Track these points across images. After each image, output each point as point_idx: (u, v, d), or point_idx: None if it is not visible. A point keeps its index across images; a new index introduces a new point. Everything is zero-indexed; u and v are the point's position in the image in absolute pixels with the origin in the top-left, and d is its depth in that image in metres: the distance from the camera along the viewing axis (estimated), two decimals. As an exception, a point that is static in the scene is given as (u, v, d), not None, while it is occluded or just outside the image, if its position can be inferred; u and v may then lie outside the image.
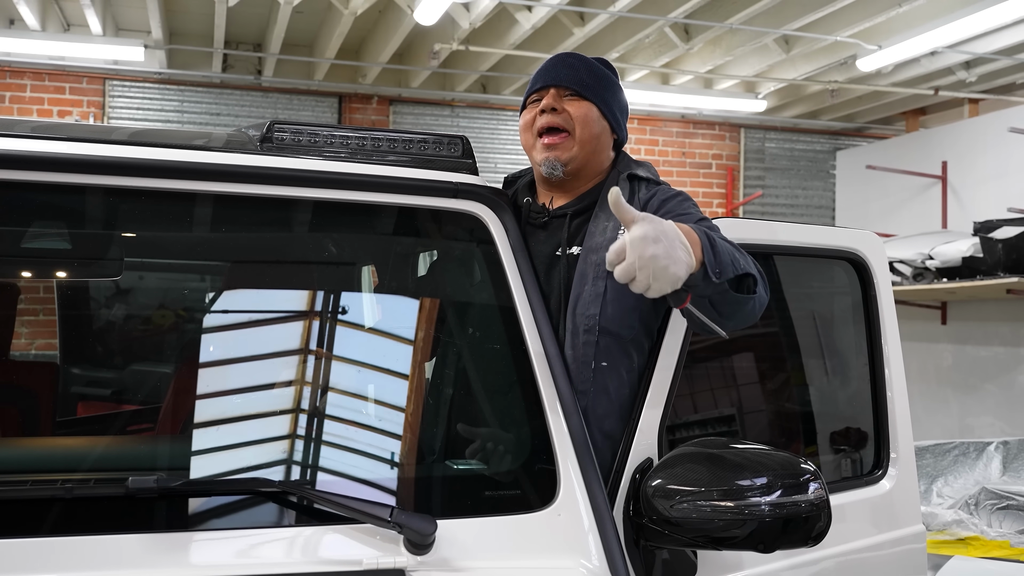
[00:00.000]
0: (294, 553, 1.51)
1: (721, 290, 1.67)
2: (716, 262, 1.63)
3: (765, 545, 1.60)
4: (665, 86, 8.61)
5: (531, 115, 2.05)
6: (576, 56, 2.09)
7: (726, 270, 1.65)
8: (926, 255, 6.78)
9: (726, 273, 1.65)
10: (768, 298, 1.81)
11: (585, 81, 2.03)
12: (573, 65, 2.05)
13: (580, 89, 2.02)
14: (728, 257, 1.67)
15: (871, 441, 2.35)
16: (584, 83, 2.03)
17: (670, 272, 1.54)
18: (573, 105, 2.01)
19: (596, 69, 2.07)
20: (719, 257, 1.64)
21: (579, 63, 2.06)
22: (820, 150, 10.16)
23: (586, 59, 2.08)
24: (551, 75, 2.05)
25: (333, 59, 7.78)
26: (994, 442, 5.35)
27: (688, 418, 2.09)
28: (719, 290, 1.66)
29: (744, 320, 1.78)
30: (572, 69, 2.04)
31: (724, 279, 1.65)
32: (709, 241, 1.64)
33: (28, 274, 2.08)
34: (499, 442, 1.79)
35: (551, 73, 2.05)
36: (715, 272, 1.62)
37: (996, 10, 5.93)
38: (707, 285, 1.64)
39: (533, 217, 2.02)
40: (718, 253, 1.65)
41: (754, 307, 1.76)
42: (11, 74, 7.94)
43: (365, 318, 1.94)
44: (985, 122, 7.81)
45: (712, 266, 1.62)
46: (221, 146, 1.80)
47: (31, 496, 1.51)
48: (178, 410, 1.80)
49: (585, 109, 2.01)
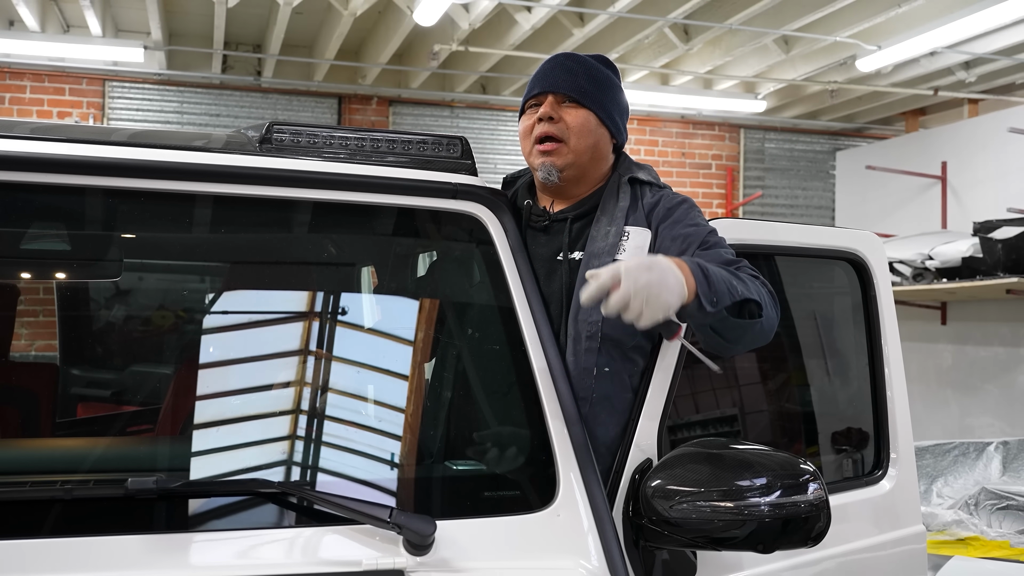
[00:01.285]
0: (294, 554, 1.51)
1: (720, 318, 1.70)
2: (711, 291, 1.66)
3: (765, 546, 1.60)
4: (665, 86, 8.61)
5: (530, 122, 2.02)
6: (575, 58, 2.04)
7: (722, 298, 1.68)
8: (926, 255, 6.78)
9: (722, 301, 1.68)
10: (778, 317, 1.82)
11: (584, 88, 1.99)
12: (572, 70, 2.01)
13: (579, 96, 1.99)
14: (724, 285, 1.69)
15: (871, 441, 2.35)
16: (583, 90, 1.99)
17: (662, 300, 1.56)
18: (570, 113, 1.98)
19: (595, 72, 2.03)
20: (714, 286, 1.67)
21: (578, 67, 2.02)
22: (820, 150, 10.17)
23: (585, 61, 2.04)
24: (549, 80, 2.01)
25: (333, 60, 7.78)
26: (994, 442, 5.35)
27: (688, 418, 2.09)
28: (717, 318, 1.69)
29: (752, 342, 1.80)
30: (571, 74, 2.00)
31: (720, 307, 1.68)
32: (702, 271, 1.67)
33: (28, 275, 2.08)
34: (498, 442, 1.79)
35: (549, 78, 2.02)
36: (710, 301, 1.65)
37: (995, 10, 5.94)
38: (703, 315, 1.67)
39: (534, 220, 2.01)
40: (712, 283, 1.67)
41: (762, 329, 1.77)
42: (11, 75, 7.95)
43: (365, 319, 1.94)
44: (985, 122, 7.81)
45: (707, 296, 1.65)
46: (220, 147, 1.80)
47: (31, 497, 1.51)
48: (178, 411, 1.80)
49: (582, 118, 1.98)
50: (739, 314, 1.74)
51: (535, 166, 2.01)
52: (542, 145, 1.98)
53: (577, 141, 1.98)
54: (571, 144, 1.97)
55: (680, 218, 1.91)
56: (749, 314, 1.75)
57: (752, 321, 1.75)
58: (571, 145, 1.97)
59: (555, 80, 2.01)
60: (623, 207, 1.95)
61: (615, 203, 1.96)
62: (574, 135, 1.97)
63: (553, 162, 1.97)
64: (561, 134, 1.97)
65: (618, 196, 1.98)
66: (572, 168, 1.98)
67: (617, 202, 1.96)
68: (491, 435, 1.80)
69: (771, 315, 1.79)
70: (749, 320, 1.74)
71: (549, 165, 1.97)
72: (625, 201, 1.96)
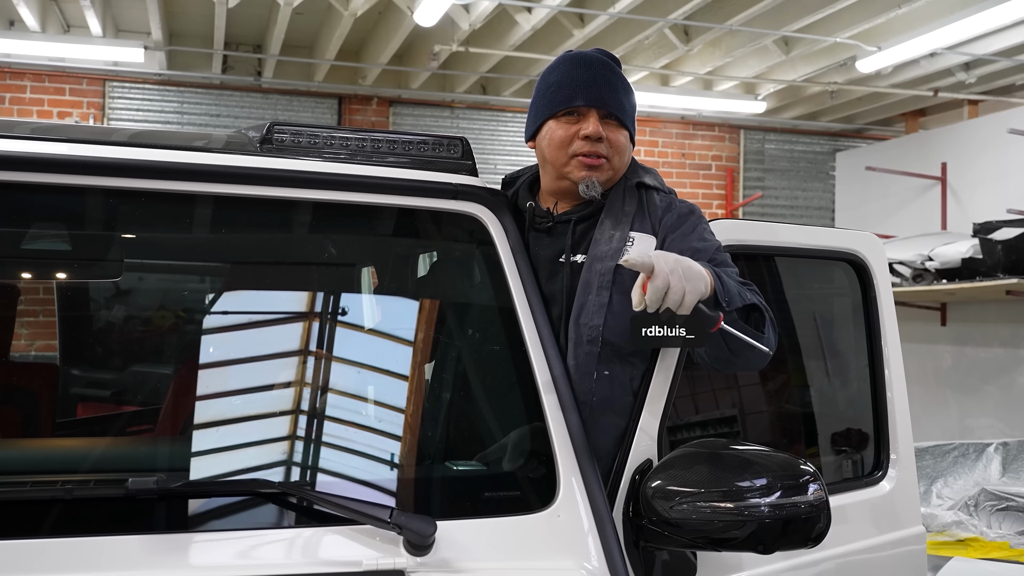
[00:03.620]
0: (294, 554, 1.51)
1: (731, 319, 1.72)
2: (724, 290, 1.72)
3: (765, 546, 1.61)
4: (665, 87, 8.61)
5: (568, 134, 1.96)
6: (611, 68, 2.00)
7: (733, 299, 1.74)
8: (926, 256, 6.78)
9: (734, 302, 1.73)
10: (776, 342, 1.84)
11: (624, 106, 1.98)
12: (613, 84, 1.97)
13: (621, 116, 1.97)
14: (734, 286, 1.76)
15: (871, 442, 2.35)
16: (624, 108, 1.98)
17: (695, 270, 1.63)
18: (613, 132, 1.96)
19: (625, 85, 2.01)
20: (726, 285, 1.73)
21: (617, 80, 1.99)
22: (820, 151, 10.17)
23: (617, 71, 2.01)
24: (594, 94, 1.95)
25: (333, 60, 7.79)
26: (994, 443, 5.35)
27: (688, 419, 2.09)
28: (730, 319, 1.72)
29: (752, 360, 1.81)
30: (613, 90, 1.97)
31: (733, 307, 1.73)
32: (712, 270, 1.73)
33: (28, 275, 2.08)
34: (498, 443, 1.79)
35: (594, 91, 1.96)
36: (724, 300, 1.71)
37: (995, 11, 5.94)
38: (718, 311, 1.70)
39: (537, 221, 2.00)
40: (724, 281, 1.73)
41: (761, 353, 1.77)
42: (11, 75, 7.95)
43: (365, 319, 1.94)
44: (984, 123, 7.82)
45: (721, 293, 1.71)
46: (221, 147, 1.80)
47: (31, 497, 1.51)
48: (178, 411, 1.80)
49: (623, 138, 1.98)
50: (746, 320, 1.78)
51: (574, 178, 1.96)
52: (589, 159, 1.95)
53: (619, 160, 1.98)
54: (613, 162, 1.97)
55: (688, 231, 1.92)
56: (755, 324, 1.79)
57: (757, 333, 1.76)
58: (613, 163, 1.97)
59: (600, 96, 1.96)
60: (629, 212, 1.95)
61: (621, 207, 1.96)
62: (616, 154, 1.97)
63: (598, 178, 1.96)
64: (606, 153, 1.96)
65: (624, 200, 1.97)
66: (608, 183, 1.99)
67: (623, 206, 1.96)
68: (491, 436, 1.79)
69: (771, 337, 1.81)
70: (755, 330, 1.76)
71: (594, 181, 1.95)
72: (631, 206, 1.96)
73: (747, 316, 1.78)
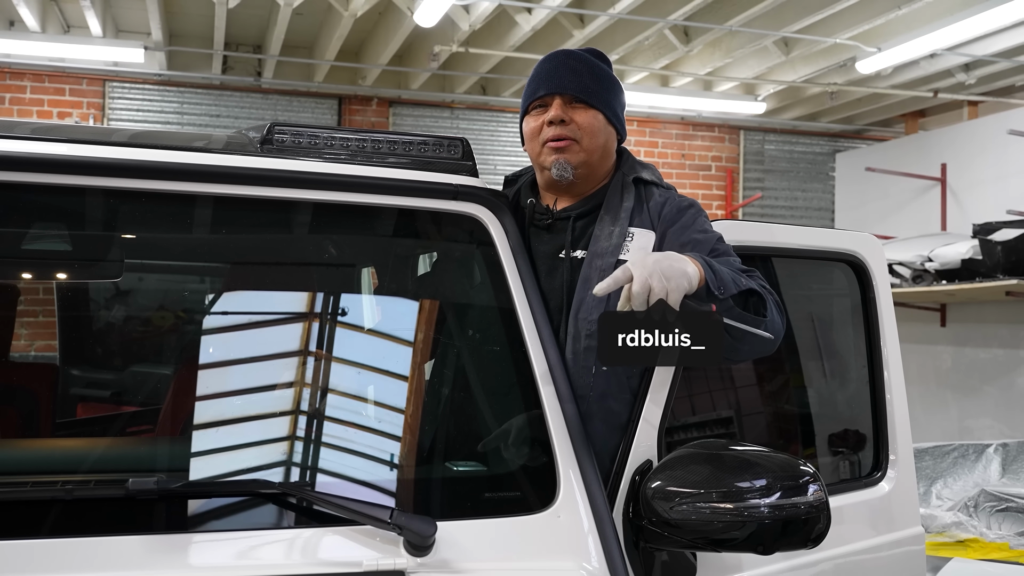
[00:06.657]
0: (294, 555, 1.51)
1: (727, 307, 1.71)
2: (717, 279, 1.69)
3: (764, 547, 1.61)
4: (664, 88, 8.61)
5: (537, 124, 1.99)
6: (577, 57, 2.02)
7: (728, 287, 1.71)
8: (925, 257, 6.78)
9: (728, 289, 1.71)
10: (783, 326, 1.83)
11: (590, 87, 1.98)
12: (576, 69, 1.99)
13: (587, 97, 1.97)
14: (728, 275, 1.73)
15: (870, 443, 2.35)
16: (590, 90, 1.97)
17: (677, 268, 1.61)
18: (580, 114, 1.97)
19: (598, 70, 2.01)
20: (719, 274, 1.71)
21: (581, 65, 2.00)
22: (819, 152, 10.17)
23: (587, 59, 2.02)
24: (555, 81, 1.98)
25: (333, 61, 7.79)
26: (993, 444, 5.35)
27: (688, 420, 2.09)
28: (725, 307, 1.71)
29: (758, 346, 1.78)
30: (576, 74, 1.98)
31: (727, 295, 1.71)
32: (704, 260, 1.71)
33: (28, 276, 2.08)
34: (498, 444, 1.79)
35: (554, 78, 1.98)
36: (718, 288, 1.69)
37: (995, 12, 5.94)
38: (713, 301, 1.69)
39: (537, 218, 2.01)
40: (716, 271, 1.71)
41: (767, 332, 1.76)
42: (11, 75, 7.95)
43: (365, 320, 1.94)
44: (984, 124, 7.82)
45: (713, 282, 1.68)
46: (221, 148, 1.80)
47: (31, 497, 1.51)
48: (178, 411, 1.80)
49: (591, 118, 1.97)
50: (744, 307, 1.75)
51: (546, 165, 1.98)
52: (554, 143, 1.96)
53: (589, 141, 1.97)
54: (583, 144, 1.96)
55: (688, 223, 1.92)
56: (754, 309, 1.76)
57: (757, 319, 1.75)
58: (583, 144, 1.97)
59: (561, 81, 1.98)
60: (628, 208, 1.95)
61: (619, 203, 1.97)
62: (586, 135, 1.97)
63: (567, 159, 1.96)
64: (573, 135, 1.96)
65: (622, 196, 1.98)
66: (584, 166, 1.98)
67: (622, 202, 1.97)
68: (491, 436, 1.80)
69: (776, 320, 1.79)
70: (754, 316, 1.75)
71: (564, 162, 1.96)
72: (630, 202, 1.97)
73: (745, 302, 1.76)
